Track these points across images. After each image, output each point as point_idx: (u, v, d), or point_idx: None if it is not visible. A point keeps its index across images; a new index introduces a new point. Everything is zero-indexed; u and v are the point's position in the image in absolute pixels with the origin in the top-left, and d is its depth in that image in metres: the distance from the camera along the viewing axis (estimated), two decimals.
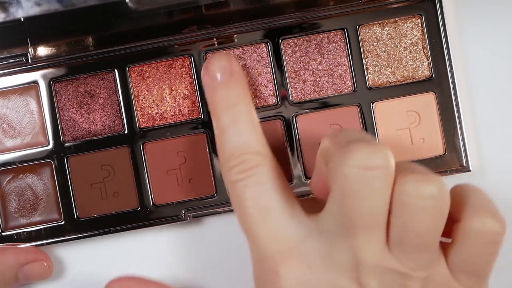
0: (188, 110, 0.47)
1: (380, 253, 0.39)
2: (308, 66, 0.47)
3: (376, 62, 0.47)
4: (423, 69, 0.47)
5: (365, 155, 0.38)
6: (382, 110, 0.47)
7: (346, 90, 0.47)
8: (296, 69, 0.47)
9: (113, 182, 0.47)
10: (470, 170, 0.47)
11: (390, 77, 0.47)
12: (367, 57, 0.47)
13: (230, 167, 0.41)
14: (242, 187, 0.41)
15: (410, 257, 0.39)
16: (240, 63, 0.47)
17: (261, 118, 0.46)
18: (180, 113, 0.47)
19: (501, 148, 0.48)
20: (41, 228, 0.47)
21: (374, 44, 0.47)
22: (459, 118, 0.47)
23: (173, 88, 0.47)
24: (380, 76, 0.47)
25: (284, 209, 0.41)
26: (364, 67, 0.47)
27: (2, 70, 0.46)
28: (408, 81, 0.47)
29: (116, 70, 0.47)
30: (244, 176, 0.41)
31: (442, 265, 0.40)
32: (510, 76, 0.48)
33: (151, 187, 0.47)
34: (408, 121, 0.47)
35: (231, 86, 0.43)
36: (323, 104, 0.47)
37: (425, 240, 0.39)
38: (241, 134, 0.42)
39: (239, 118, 0.42)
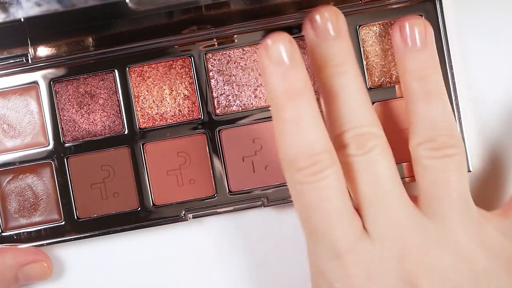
0: (188, 111, 0.47)
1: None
2: (309, 67, 0.47)
3: (376, 63, 0.47)
4: None
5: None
6: (382, 110, 0.47)
7: None
8: None
9: (113, 183, 0.47)
10: (470, 170, 0.47)
11: (390, 78, 0.47)
12: (367, 57, 0.47)
13: (298, 168, 0.40)
14: (314, 189, 0.40)
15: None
16: (240, 64, 0.47)
17: (262, 119, 0.46)
18: (180, 113, 0.47)
19: (501, 148, 0.48)
20: (41, 229, 0.47)
21: (374, 44, 0.47)
22: (459, 118, 0.46)
23: (173, 89, 0.47)
24: (380, 77, 0.47)
25: (350, 208, 0.41)
26: (364, 68, 0.47)
27: (2, 71, 0.46)
28: None
29: (116, 71, 0.47)
30: (317, 178, 0.40)
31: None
32: (510, 76, 0.48)
33: (151, 188, 0.47)
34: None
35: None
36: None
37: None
38: (311, 130, 0.40)
39: (304, 112, 0.40)
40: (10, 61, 0.46)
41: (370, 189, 0.41)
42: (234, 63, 0.47)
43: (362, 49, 0.47)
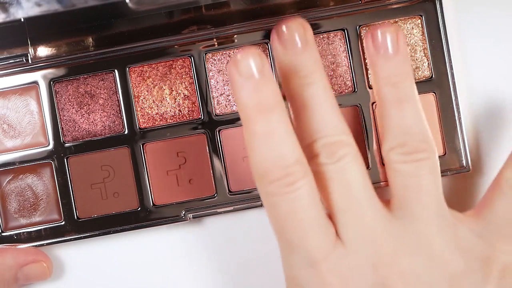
0: (188, 111, 0.47)
1: None
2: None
3: None
4: (423, 70, 0.47)
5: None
6: None
7: (346, 91, 0.47)
8: None
9: (113, 183, 0.47)
10: (470, 170, 0.47)
11: None
12: (367, 57, 0.47)
13: (271, 180, 0.40)
14: (288, 200, 0.40)
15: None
16: None
17: None
18: (180, 113, 0.47)
19: (501, 148, 0.48)
20: (41, 229, 0.47)
21: None
22: (459, 118, 0.47)
23: (173, 89, 0.47)
24: None
25: (323, 217, 0.41)
26: (364, 67, 0.47)
27: (2, 71, 0.46)
28: None
29: (116, 71, 0.47)
30: (290, 190, 0.40)
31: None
32: (510, 76, 0.48)
33: (151, 188, 0.47)
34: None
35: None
36: None
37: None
38: (282, 142, 0.40)
39: (276, 126, 0.40)
40: (10, 61, 0.46)
41: (342, 198, 0.41)
42: None
43: (362, 49, 0.47)
